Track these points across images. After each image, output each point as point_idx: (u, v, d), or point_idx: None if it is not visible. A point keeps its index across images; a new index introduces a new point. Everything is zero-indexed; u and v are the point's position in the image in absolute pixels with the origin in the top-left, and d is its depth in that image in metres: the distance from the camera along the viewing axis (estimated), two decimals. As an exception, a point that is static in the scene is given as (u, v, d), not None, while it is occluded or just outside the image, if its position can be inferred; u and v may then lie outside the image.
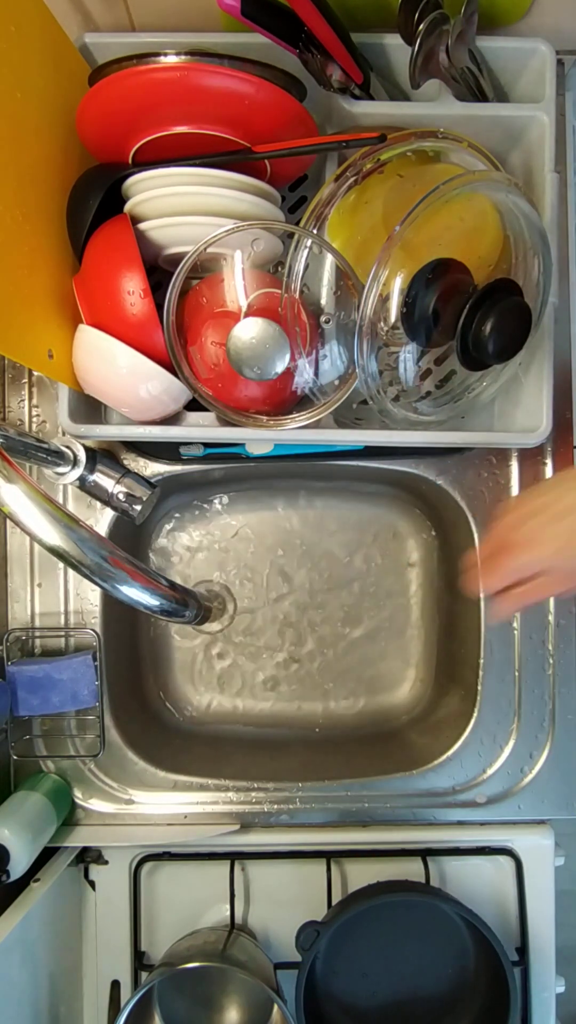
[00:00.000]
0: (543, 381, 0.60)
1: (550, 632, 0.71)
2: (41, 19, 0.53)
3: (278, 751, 0.78)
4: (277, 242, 0.60)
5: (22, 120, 0.52)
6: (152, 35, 0.59)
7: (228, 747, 0.79)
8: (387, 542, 0.84)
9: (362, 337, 0.54)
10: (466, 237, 0.57)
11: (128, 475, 0.65)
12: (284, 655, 0.83)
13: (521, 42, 0.60)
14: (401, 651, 0.84)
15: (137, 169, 0.57)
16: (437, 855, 0.71)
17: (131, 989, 0.70)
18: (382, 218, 0.59)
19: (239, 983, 0.68)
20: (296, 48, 0.55)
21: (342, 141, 0.55)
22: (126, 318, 0.55)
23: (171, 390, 0.58)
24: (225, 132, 0.55)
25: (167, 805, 0.70)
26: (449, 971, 0.68)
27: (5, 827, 0.60)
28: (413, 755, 0.73)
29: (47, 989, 0.63)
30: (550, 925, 0.71)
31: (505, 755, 0.71)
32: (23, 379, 0.70)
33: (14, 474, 0.41)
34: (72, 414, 0.60)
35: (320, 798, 0.71)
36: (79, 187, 0.58)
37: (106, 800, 0.70)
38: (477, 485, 0.71)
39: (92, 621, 0.71)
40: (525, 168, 0.63)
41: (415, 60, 0.56)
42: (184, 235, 0.57)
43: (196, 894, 0.71)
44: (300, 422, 0.60)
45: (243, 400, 0.60)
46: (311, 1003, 0.65)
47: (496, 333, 0.52)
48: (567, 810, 0.71)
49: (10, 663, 0.68)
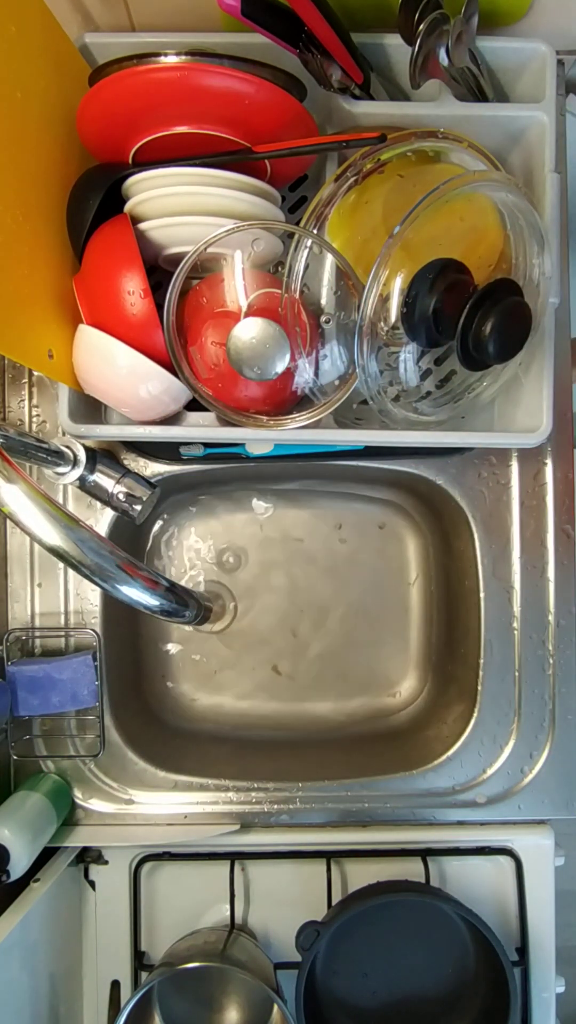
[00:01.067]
0: (543, 381, 0.60)
1: (550, 632, 0.71)
2: (41, 19, 0.53)
3: (278, 751, 0.78)
4: (277, 242, 0.60)
5: (22, 120, 0.52)
6: (152, 35, 0.59)
7: (228, 747, 0.79)
8: (387, 542, 0.84)
9: (362, 337, 0.54)
10: (466, 237, 0.57)
11: (128, 475, 0.65)
12: (284, 655, 0.83)
13: (521, 42, 0.60)
14: (401, 651, 0.84)
15: (137, 169, 0.56)
16: (437, 855, 0.71)
17: (131, 989, 0.70)
18: (382, 218, 0.59)
19: (239, 983, 0.68)
20: (296, 48, 0.55)
21: (342, 141, 0.55)
22: (126, 318, 0.55)
23: (171, 390, 0.58)
24: (225, 132, 0.55)
25: (167, 805, 0.70)
26: (449, 971, 0.68)
27: (5, 827, 0.60)
28: (413, 755, 0.73)
29: (47, 989, 0.63)
30: (550, 925, 0.71)
31: (505, 755, 0.71)
32: (23, 379, 0.70)
33: (14, 474, 0.41)
34: (72, 414, 0.60)
35: (320, 798, 0.71)
36: (79, 187, 0.58)
37: (106, 800, 0.70)
38: (477, 485, 0.71)
39: (92, 621, 0.71)
40: (525, 168, 0.63)
41: (415, 60, 0.56)
42: (184, 235, 0.57)
43: (196, 894, 0.71)
44: (300, 422, 0.60)
45: (243, 400, 0.60)
46: (311, 1003, 0.65)
47: (496, 333, 0.52)
48: (567, 810, 0.71)
49: (10, 663, 0.68)
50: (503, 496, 0.71)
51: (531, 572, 0.71)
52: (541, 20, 0.62)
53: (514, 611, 0.71)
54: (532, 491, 0.71)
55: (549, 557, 0.71)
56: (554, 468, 0.71)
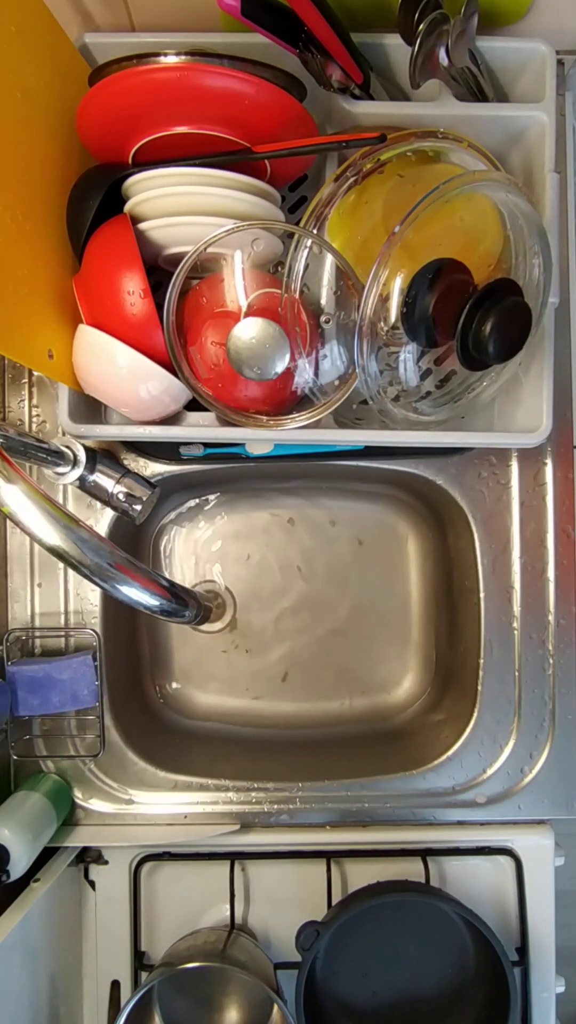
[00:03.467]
0: (543, 381, 0.60)
1: (550, 632, 0.71)
2: (41, 19, 0.53)
3: (278, 751, 0.78)
4: (277, 242, 0.60)
5: (22, 120, 0.52)
6: (152, 35, 0.59)
7: (228, 747, 0.79)
8: (387, 542, 0.84)
9: (362, 337, 0.54)
10: (466, 237, 0.57)
11: (128, 475, 0.65)
12: (284, 655, 0.83)
13: (521, 42, 0.60)
14: (401, 651, 0.84)
15: (137, 169, 0.56)
16: (437, 855, 0.71)
17: (131, 989, 0.70)
18: (382, 218, 0.59)
19: (239, 983, 0.68)
20: (296, 48, 0.55)
21: (342, 141, 0.55)
22: (126, 318, 0.55)
23: (171, 390, 0.58)
24: (225, 132, 0.55)
25: (167, 805, 0.70)
26: (449, 971, 0.68)
27: (5, 827, 0.60)
28: (413, 755, 0.73)
29: (47, 989, 0.63)
30: (550, 925, 0.71)
31: (505, 755, 0.71)
32: (23, 379, 0.70)
33: (14, 474, 0.41)
34: (72, 414, 0.60)
35: (320, 798, 0.71)
36: (79, 187, 0.58)
37: (106, 800, 0.70)
38: (477, 485, 0.71)
39: (92, 621, 0.71)
40: (525, 168, 0.63)
41: (415, 60, 0.56)
42: (184, 235, 0.57)
43: (196, 894, 0.71)
44: (300, 422, 0.60)
45: (243, 400, 0.60)
46: (311, 1003, 0.65)
47: (496, 333, 0.52)
48: (567, 810, 0.71)
49: (10, 663, 0.68)
50: (503, 496, 0.71)
51: (531, 572, 0.71)
52: (541, 20, 0.62)
53: (514, 611, 0.71)
54: (532, 491, 0.71)
55: (549, 557, 0.71)
56: (554, 468, 0.71)
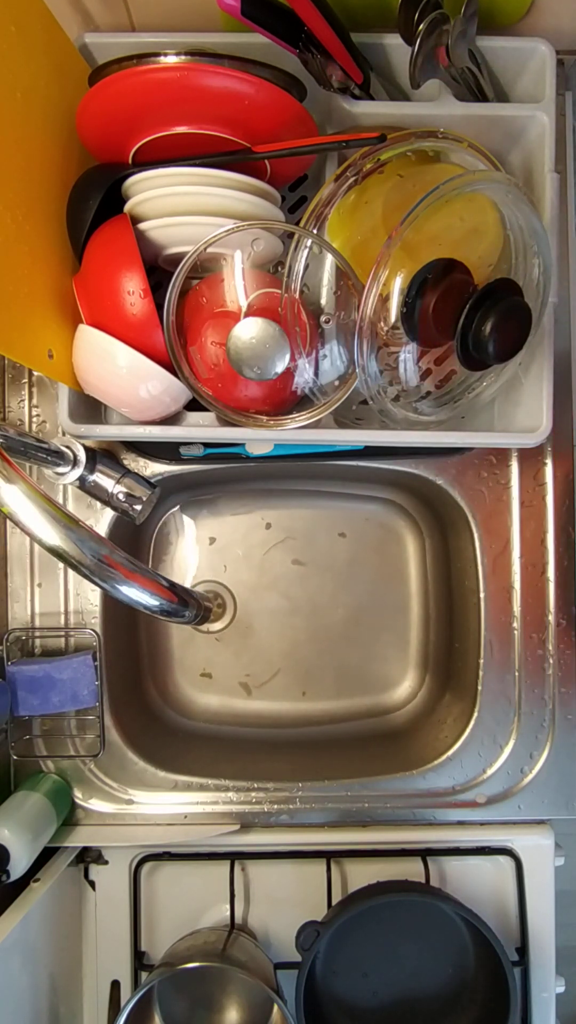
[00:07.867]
0: (543, 381, 0.60)
1: (550, 632, 0.71)
2: (41, 19, 0.53)
3: (278, 751, 0.78)
4: (277, 242, 0.60)
5: (22, 120, 0.52)
6: (152, 35, 0.59)
7: (228, 747, 0.79)
8: (387, 542, 0.84)
9: (362, 337, 0.54)
10: (466, 237, 0.57)
11: (128, 475, 0.65)
12: (284, 655, 0.83)
13: (521, 42, 0.60)
14: (401, 651, 0.84)
15: (137, 169, 0.56)
16: (437, 855, 0.71)
17: (131, 989, 0.70)
18: (382, 218, 0.59)
19: (239, 983, 0.68)
20: (296, 48, 0.55)
21: (342, 141, 0.55)
22: (126, 318, 0.55)
23: (171, 390, 0.58)
24: (225, 132, 0.55)
25: (167, 805, 0.70)
26: (449, 971, 0.68)
27: (5, 827, 0.60)
28: (413, 755, 0.73)
29: (47, 989, 0.63)
30: (550, 925, 0.71)
31: (505, 755, 0.71)
32: (23, 379, 0.70)
33: (14, 474, 0.41)
34: (72, 414, 0.60)
35: (320, 798, 0.71)
36: (79, 187, 0.58)
37: (106, 800, 0.70)
38: (477, 485, 0.71)
39: (92, 621, 0.71)
40: (525, 168, 0.63)
41: (415, 60, 0.56)
42: (184, 235, 0.57)
43: (196, 894, 0.71)
44: (300, 422, 0.60)
45: (243, 400, 0.60)
46: (311, 1003, 0.65)
47: (496, 333, 0.52)
48: (567, 810, 0.71)
49: (10, 663, 0.68)
50: (503, 496, 0.71)
51: (531, 572, 0.71)
52: (541, 20, 0.62)
53: (514, 611, 0.71)
54: (532, 491, 0.71)
55: (549, 557, 0.71)
56: (554, 468, 0.71)
